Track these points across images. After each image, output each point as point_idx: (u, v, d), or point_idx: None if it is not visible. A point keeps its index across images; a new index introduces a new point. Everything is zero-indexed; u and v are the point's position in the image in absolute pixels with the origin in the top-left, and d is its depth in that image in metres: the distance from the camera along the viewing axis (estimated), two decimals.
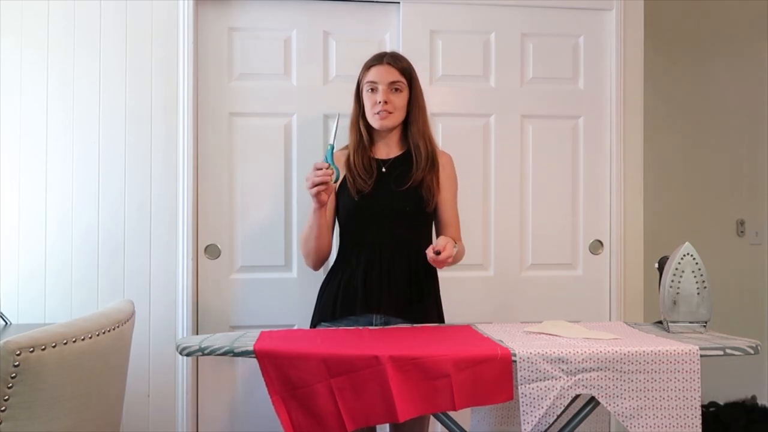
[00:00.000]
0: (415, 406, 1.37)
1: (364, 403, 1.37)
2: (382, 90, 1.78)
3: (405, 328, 1.71)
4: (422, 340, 1.54)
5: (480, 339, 1.55)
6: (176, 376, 2.24)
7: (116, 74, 2.23)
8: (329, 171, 1.62)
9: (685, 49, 3.04)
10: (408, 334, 1.62)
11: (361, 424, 1.39)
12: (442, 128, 2.37)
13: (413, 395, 1.37)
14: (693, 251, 1.68)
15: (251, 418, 2.30)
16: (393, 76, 1.79)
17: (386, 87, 1.78)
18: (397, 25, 2.38)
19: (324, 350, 1.41)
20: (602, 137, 2.49)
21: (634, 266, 2.47)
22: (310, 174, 1.64)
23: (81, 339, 1.31)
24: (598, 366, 1.41)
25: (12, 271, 2.18)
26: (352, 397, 1.37)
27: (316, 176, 1.62)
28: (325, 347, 1.45)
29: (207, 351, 1.46)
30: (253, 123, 2.34)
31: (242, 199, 2.32)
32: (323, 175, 1.61)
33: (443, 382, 1.36)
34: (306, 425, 1.39)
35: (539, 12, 2.45)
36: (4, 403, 1.20)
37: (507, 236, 2.42)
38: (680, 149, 3.04)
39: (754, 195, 3.12)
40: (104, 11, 2.22)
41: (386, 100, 1.78)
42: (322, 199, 1.67)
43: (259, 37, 2.34)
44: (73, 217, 2.21)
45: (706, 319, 1.66)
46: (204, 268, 2.30)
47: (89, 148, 2.22)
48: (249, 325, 2.25)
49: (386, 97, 1.78)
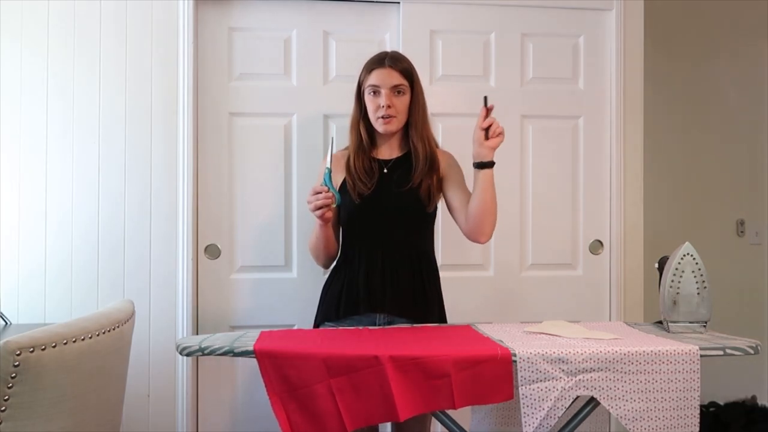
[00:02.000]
0: (415, 405, 1.37)
1: (364, 403, 1.37)
2: (385, 94, 1.77)
3: (405, 328, 1.71)
4: (422, 340, 1.54)
5: (480, 339, 1.55)
6: (176, 376, 2.23)
7: (116, 74, 2.23)
8: (329, 195, 1.65)
9: (685, 49, 3.04)
10: (408, 334, 1.62)
11: (362, 423, 1.39)
12: (442, 128, 2.37)
13: (414, 394, 1.37)
14: (693, 251, 1.68)
15: (251, 418, 2.30)
16: (396, 80, 1.78)
17: (389, 91, 1.77)
18: (397, 25, 2.38)
19: (324, 350, 1.41)
20: (602, 137, 2.49)
21: (634, 266, 2.47)
22: (311, 197, 1.66)
23: (81, 339, 1.31)
24: (599, 366, 1.41)
25: (12, 271, 2.18)
26: (352, 397, 1.37)
27: (318, 200, 1.64)
28: (325, 347, 1.45)
29: (207, 351, 1.46)
30: (253, 123, 2.33)
31: (242, 199, 2.32)
32: (324, 199, 1.64)
33: (443, 381, 1.36)
34: (304, 426, 1.39)
35: (539, 12, 2.44)
36: (4, 403, 1.20)
37: (507, 236, 2.42)
38: (680, 149, 3.04)
39: (754, 195, 3.12)
40: (104, 11, 2.22)
41: (389, 104, 1.77)
42: (327, 218, 1.70)
43: (259, 37, 2.34)
44: (73, 217, 2.21)
45: (706, 319, 1.66)
46: (204, 268, 2.30)
47: (89, 148, 2.22)
48: (249, 325, 2.25)
49: (389, 101, 1.77)
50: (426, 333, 1.63)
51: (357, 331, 1.65)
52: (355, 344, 1.49)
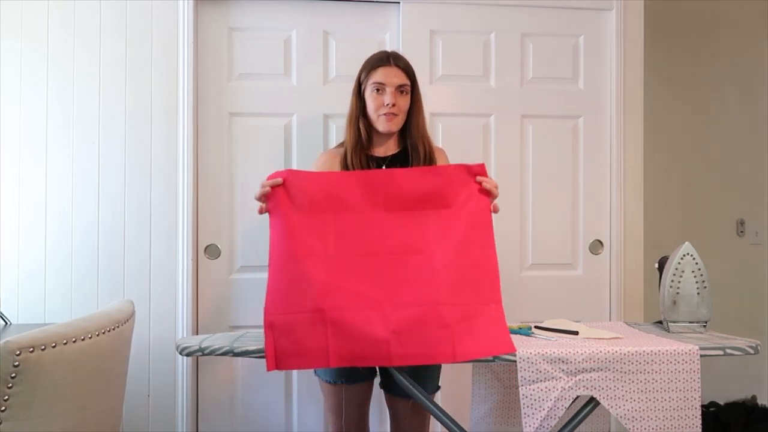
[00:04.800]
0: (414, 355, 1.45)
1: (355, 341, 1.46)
2: (390, 92, 1.78)
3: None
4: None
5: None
6: (176, 376, 2.23)
7: (116, 74, 2.23)
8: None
9: (684, 49, 3.04)
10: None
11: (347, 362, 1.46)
12: (442, 128, 2.37)
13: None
14: (693, 251, 1.68)
15: (251, 418, 2.30)
16: (400, 79, 1.79)
17: (394, 89, 1.78)
18: (397, 25, 2.38)
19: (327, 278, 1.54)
20: (602, 137, 2.48)
21: (634, 266, 2.47)
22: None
23: (81, 339, 1.31)
24: (599, 366, 1.42)
25: (12, 271, 2.18)
26: (344, 332, 1.46)
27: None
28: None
29: (207, 351, 1.47)
30: (253, 123, 2.33)
31: (242, 199, 2.32)
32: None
33: (444, 332, 1.46)
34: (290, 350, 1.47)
35: (539, 12, 2.45)
36: (4, 403, 1.20)
37: (507, 236, 2.41)
38: (680, 149, 3.04)
39: (754, 195, 3.12)
40: (104, 11, 2.22)
41: (394, 102, 1.78)
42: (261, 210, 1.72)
43: (259, 37, 2.34)
44: (73, 217, 2.21)
45: (706, 319, 1.67)
46: (204, 268, 2.30)
47: (89, 148, 2.22)
48: (249, 325, 2.24)
49: (394, 100, 1.78)
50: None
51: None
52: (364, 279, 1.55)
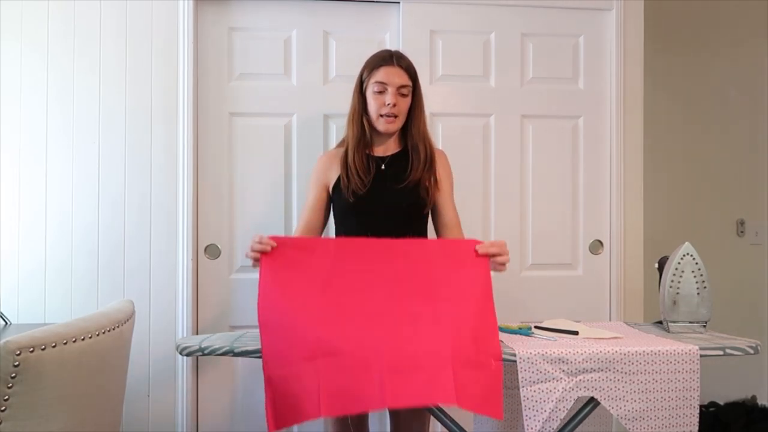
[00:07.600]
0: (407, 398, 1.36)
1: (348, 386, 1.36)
2: (391, 92, 1.78)
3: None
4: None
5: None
6: (176, 376, 2.23)
7: (116, 74, 2.23)
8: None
9: (685, 49, 3.04)
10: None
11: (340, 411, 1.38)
12: (442, 128, 2.37)
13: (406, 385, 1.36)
14: (693, 251, 1.68)
15: (251, 418, 2.30)
16: (402, 80, 1.79)
17: (395, 90, 1.78)
18: (397, 25, 2.38)
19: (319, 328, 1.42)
20: (602, 137, 2.48)
21: (634, 266, 2.47)
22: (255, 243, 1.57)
23: (81, 339, 1.31)
24: (599, 366, 1.42)
25: (12, 271, 2.18)
26: (336, 379, 1.36)
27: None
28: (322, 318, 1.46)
29: (207, 351, 1.47)
30: (253, 123, 2.33)
31: (242, 199, 2.32)
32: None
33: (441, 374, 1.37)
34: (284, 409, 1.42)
35: (539, 12, 2.44)
36: (4, 403, 1.20)
37: (507, 236, 2.41)
38: (680, 149, 3.04)
39: (754, 195, 3.12)
40: (104, 11, 2.22)
41: (395, 102, 1.78)
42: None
43: (259, 37, 2.34)
44: (73, 217, 2.21)
45: (706, 319, 1.67)
46: (204, 268, 2.30)
47: (89, 148, 2.22)
48: (249, 325, 2.24)
49: (395, 100, 1.78)
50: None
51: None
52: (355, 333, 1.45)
